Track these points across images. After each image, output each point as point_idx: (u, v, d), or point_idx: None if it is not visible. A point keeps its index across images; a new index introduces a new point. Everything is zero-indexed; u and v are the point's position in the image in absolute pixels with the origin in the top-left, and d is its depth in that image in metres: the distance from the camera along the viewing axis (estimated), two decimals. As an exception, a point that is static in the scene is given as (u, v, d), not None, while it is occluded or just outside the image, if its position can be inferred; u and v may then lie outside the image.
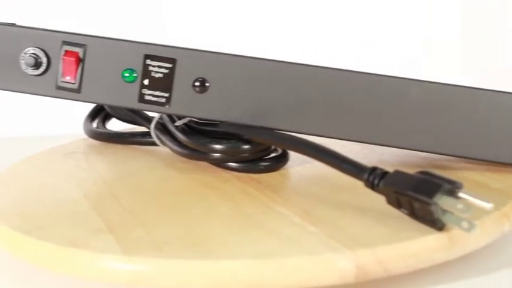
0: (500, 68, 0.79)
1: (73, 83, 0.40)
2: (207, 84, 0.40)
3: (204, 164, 0.42)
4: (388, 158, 0.43)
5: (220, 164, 0.42)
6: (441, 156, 0.41)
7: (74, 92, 0.40)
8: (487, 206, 0.30)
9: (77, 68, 0.40)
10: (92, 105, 0.52)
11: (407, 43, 0.80)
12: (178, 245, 0.31)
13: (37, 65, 0.40)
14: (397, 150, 0.42)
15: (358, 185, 0.34)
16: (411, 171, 0.33)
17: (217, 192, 0.38)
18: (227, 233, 0.32)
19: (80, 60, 0.40)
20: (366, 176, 0.33)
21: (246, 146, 0.40)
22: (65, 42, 0.40)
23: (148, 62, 0.40)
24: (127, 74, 0.40)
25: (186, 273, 0.29)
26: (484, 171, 0.41)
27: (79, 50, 0.40)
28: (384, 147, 0.41)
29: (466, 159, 0.42)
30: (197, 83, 0.40)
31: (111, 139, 0.50)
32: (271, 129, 0.39)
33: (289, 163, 0.42)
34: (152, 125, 0.45)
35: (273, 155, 0.42)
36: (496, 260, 0.35)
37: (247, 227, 0.33)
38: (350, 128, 0.40)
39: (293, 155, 0.42)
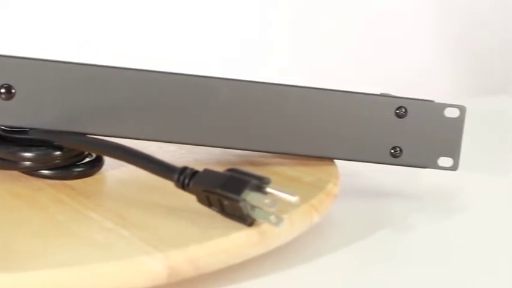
0: (322, 67, 0.82)
1: None
2: (13, 91, 0.38)
3: (15, 173, 0.41)
4: (203, 157, 0.44)
5: (31, 172, 0.40)
6: (255, 152, 0.42)
7: None
8: (293, 199, 0.31)
9: None
10: None
11: (227, 43, 0.81)
12: (-18, 260, 0.30)
13: None
14: (213, 149, 0.42)
15: (172, 185, 0.34)
16: (224, 169, 0.33)
17: (28, 201, 0.37)
18: (36, 243, 0.31)
19: None
20: (175, 176, 0.33)
21: (57, 153, 0.39)
22: None
23: None
24: None
25: (-8, 288, 0.28)
26: (296, 166, 0.42)
27: None
28: (200, 146, 0.41)
29: (279, 155, 0.43)
30: (2, 90, 0.38)
31: None
32: (82, 134, 0.39)
33: (105, 167, 0.42)
34: (-42, 136, 0.43)
35: (87, 160, 0.41)
36: (306, 250, 0.36)
37: (57, 236, 0.32)
38: (163, 129, 0.40)
39: (109, 159, 0.41)
